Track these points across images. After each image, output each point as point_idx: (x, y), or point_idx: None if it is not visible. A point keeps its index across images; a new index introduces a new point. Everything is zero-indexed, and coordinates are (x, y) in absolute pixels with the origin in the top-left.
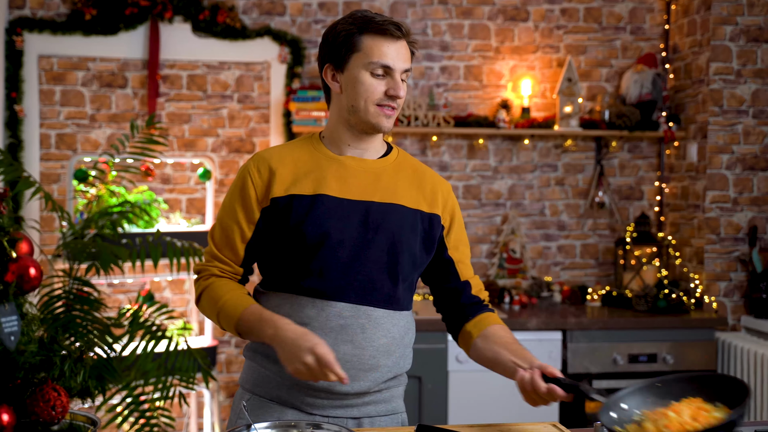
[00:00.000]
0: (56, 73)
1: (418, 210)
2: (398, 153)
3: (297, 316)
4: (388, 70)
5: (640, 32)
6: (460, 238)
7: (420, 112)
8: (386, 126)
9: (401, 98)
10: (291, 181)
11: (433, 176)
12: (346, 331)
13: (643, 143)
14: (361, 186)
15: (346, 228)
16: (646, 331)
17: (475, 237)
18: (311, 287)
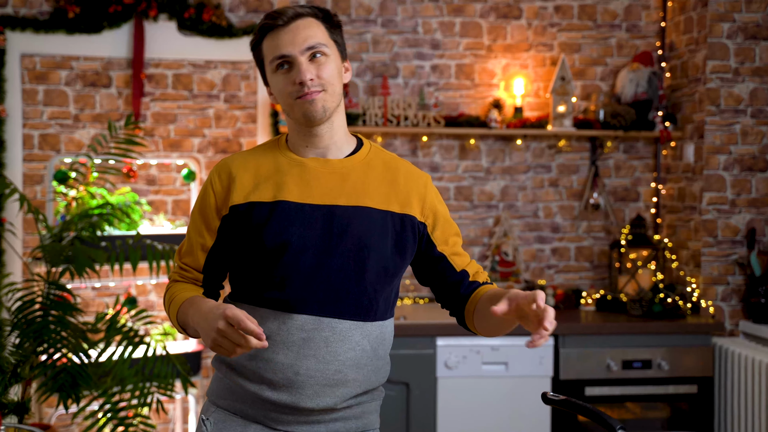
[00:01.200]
0: (39, 72)
1: (389, 211)
2: (369, 149)
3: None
4: (287, 58)
5: (635, 30)
6: (447, 231)
7: (410, 111)
8: (311, 112)
9: (313, 80)
10: (251, 187)
11: (408, 171)
12: (309, 345)
13: (639, 143)
14: (325, 189)
15: (308, 235)
16: (641, 336)
17: (467, 239)
18: (272, 298)
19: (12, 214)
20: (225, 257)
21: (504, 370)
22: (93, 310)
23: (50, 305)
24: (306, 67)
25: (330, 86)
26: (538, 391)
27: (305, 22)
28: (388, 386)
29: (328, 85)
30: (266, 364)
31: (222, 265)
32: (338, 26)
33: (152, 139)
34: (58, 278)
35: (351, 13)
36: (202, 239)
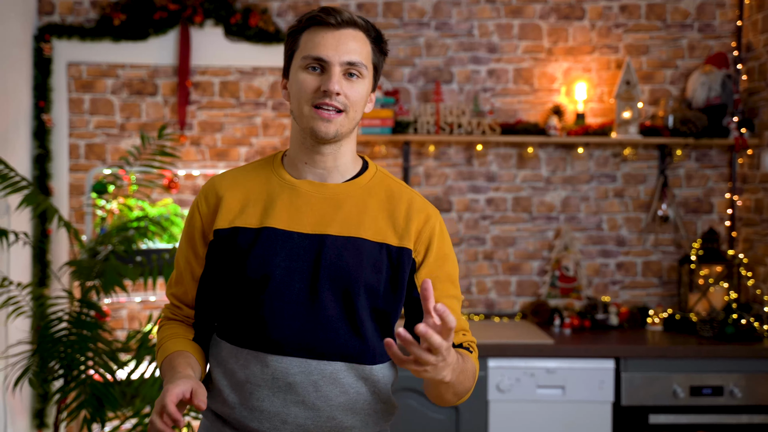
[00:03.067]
0: (85, 81)
1: (384, 243)
2: (374, 174)
3: (242, 373)
4: (323, 63)
5: (709, 30)
6: (437, 275)
7: (464, 119)
8: (322, 131)
9: (340, 95)
10: (238, 210)
11: (412, 201)
12: (296, 391)
13: (713, 151)
14: (316, 216)
15: (293, 267)
16: (712, 361)
17: (526, 253)
18: (255, 338)
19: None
20: (214, 288)
21: (560, 395)
22: (138, 325)
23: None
24: (338, 78)
25: (352, 109)
26: (598, 417)
27: (356, 34)
28: (436, 410)
29: (351, 107)
30: (251, 413)
31: (213, 296)
32: (384, 53)
33: (198, 148)
34: (85, 295)
35: (403, 17)
36: (190, 267)
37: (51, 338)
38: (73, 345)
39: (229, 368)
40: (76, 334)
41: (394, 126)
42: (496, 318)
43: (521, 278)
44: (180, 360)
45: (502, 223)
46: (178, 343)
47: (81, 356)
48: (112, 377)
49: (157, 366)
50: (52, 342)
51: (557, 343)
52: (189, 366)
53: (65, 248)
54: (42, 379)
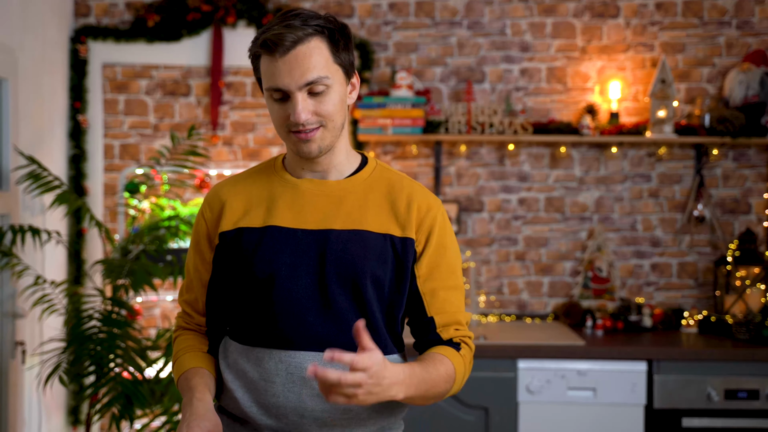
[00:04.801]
0: (120, 82)
1: (389, 234)
2: (374, 168)
3: (255, 371)
4: (283, 92)
5: (747, 27)
6: (437, 265)
7: (495, 118)
8: (305, 151)
9: (307, 119)
10: (242, 213)
11: (413, 191)
12: (311, 384)
13: (751, 151)
14: (320, 213)
15: (300, 263)
16: (747, 364)
17: (558, 253)
18: (267, 335)
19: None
20: (223, 291)
21: (592, 397)
22: (173, 322)
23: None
24: (303, 105)
25: (329, 121)
26: (629, 420)
27: (306, 50)
28: (465, 411)
29: (327, 120)
30: (268, 410)
31: (222, 299)
32: (346, 45)
33: (231, 149)
34: (114, 294)
35: (435, 16)
36: (199, 273)
37: (82, 335)
38: (103, 342)
39: (241, 368)
40: (106, 332)
41: (425, 126)
42: (527, 319)
43: (553, 279)
44: (197, 380)
45: (535, 224)
46: (193, 359)
47: (111, 354)
48: (141, 375)
49: (175, 381)
50: (83, 339)
51: (589, 344)
52: (207, 388)
53: (100, 247)
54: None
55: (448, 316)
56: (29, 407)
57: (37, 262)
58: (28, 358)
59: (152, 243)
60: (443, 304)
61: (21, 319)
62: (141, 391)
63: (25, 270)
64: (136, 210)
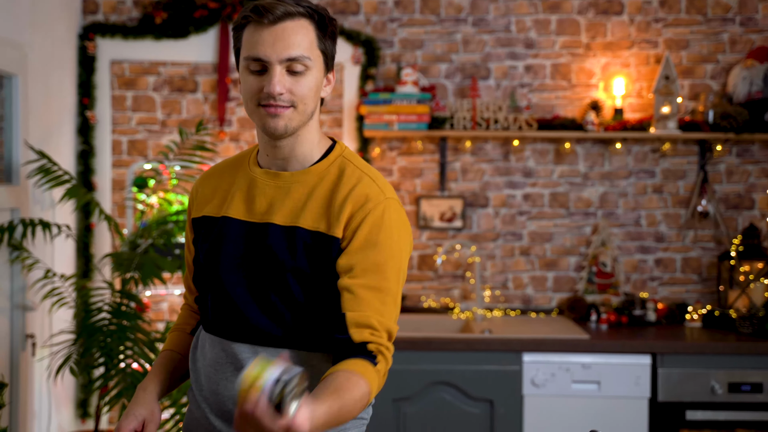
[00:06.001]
0: (128, 78)
1: (318, 231)
2: (333, 160)
3: (206, 357)
4: (263, 63)
5: (751, 23)
6: (359, 261)
7: (500, 114)
8: (271, 126)
9: (283, 94)
10: (208, 200)
11: (357, 184)
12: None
13: (754, 146)
14: (266, 205)
15: (239, 255)
16: (751, 357)
17: (563, 248)
18: (214, 324)
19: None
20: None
21: (596, 390)
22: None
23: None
24: (279, 78)
25: (301, 103)
26: (634, 413)
27: (294, 25)
28: (471, 403)
29: (299, 102)
30: (211, 395)
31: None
32: (332, 36)
33: (238, 144)
34: (123, 287)
35: (440, 13)
36: (187, 259)
37: (92, 328)
38: (113, 334)
39: (197, 353)
40: (116, 324)
41: (430, 122)
42: (532, 313)
43: (558, 274)
44: (156, 366)
45: (539, 219)
46: (171, 340)
47: (121, 345)
48: (150, 367)
49: None
50: (93, 331)
51: (593, 338)
52: (159, 373)
53: (108, 242)
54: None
55: (361, 316)
56: (39, 400)
57: (46, 256)
58: (38, 351)
59: (160, 237)
60: (360, 303)
61: (31, 312)
62: None
63: (35, 263)
64: (144, 205)
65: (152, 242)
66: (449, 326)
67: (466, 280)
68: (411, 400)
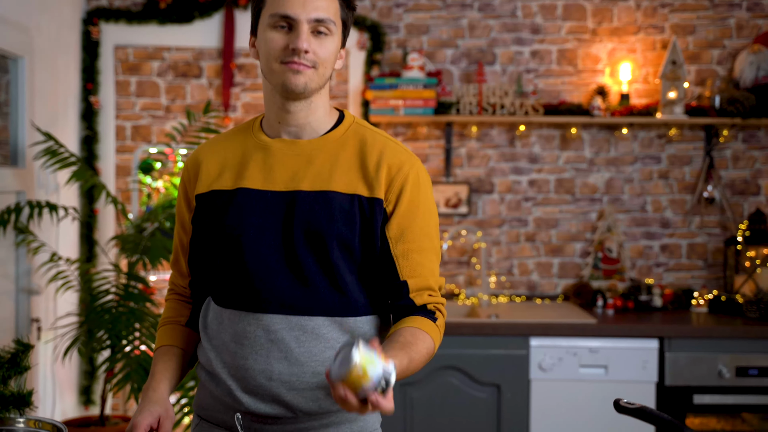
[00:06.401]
0: (132, 64)
1: (356, 195)
2: (349, 126)
3: (227, 333)
4: (290, 20)
5: (758, 8)
6: (408, 225)
7: (507, 99)
8: (293, 83)
9: (309, 53)
10: (216, 174)
11: (385, 148)
12: (278, 347)
13: (761, 132)
14: (289, 174)
15: (268, 225)
16: (758, 341)
17: (568, 234)
18: (236, 297)
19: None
20: (200, 253)
21: (603, 374)
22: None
23: (124, 296)
24: (306, 36)
25: (322, 66)
26: (641, 397)
27: None
28: (477, 388)
29: (320, 63)
30: (237, 371)
31: (200, 262)
32: (352, 8)
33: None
34: (131, 269)
35: None
36: (179, 237)
37: (99, 310)
38: (121, 317)
39: (215, 329)
40: (123, 305)
41: (436, 107)
42: (537, 300)
43: (563, 260)
44: (159, 366)
45: (545, 205)
46: (167, 334)
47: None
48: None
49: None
50: (100, 313)
51: (600, 322)
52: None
53: (111, 227)
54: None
55: (421, 281)
56: (44, 385)
57: (51, 240)
58: (43, 334)
59: (167, 220)
60: (416, 268)
61: (36, 295)
62: None
63: (41, 247)
64: (149, 189)
65: (158, 226)
66: (456, 311)
67: (471, 266)
68: (418, 384)
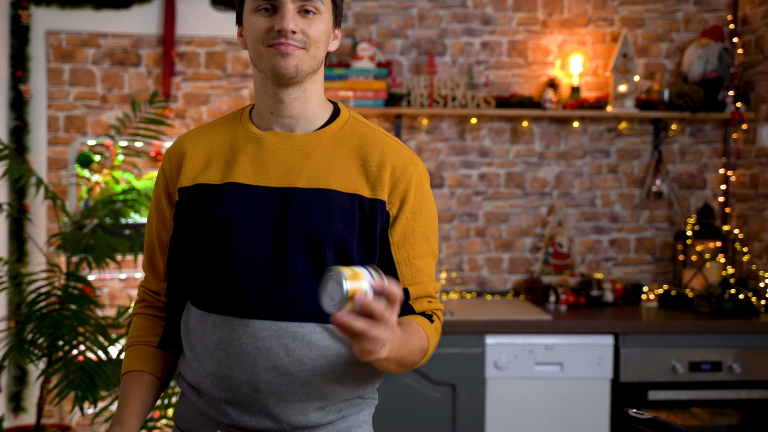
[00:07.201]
0: (65, 50)
1: (356, 195)
2: (346, 120)
3: (210, 340)
4: (274, 2)
5: (704, 2)
6: (411, 230)
7: (458, 92)
8: (282, 66)
9: (296, 33)
10: (201, 167)
11: (386, 147)
12: (266, 355)
13: (707, 126)
14: (283, 169)
15: (260, 224)
16: (710, 336)
17: (519, 229)
18: (220, 303)
19: (37, 201)
20: (182, 252)
21: (559, 372)
22: (119, 303)
23: (67, 298)
24: (292, 15)
25: (313, 46)
26: (596, 394)
27: None
28: (432, 388)
29: (311, 44)
30: (222, 381)
31: (181, 262)
32: None
33: (183, 122)
34: (76, 269)
35: None
36: (158, 234)
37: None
38: (63, 320)
39: (198, 336)
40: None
41: (387, 98)
42: (488, 296)
43: (513, 255)
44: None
45: (495, 199)
46: (138, 357)
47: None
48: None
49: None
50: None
51: (555, 319)
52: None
53: (43, 225)
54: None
55: (421, 288)
56: None
57: None
58: None
59: (108, 216)
60: (417, 274)
61: None
62: (105, 370)
63: None
64: (88, 183)
65: (99, 222)
66: None
67: None
68: None
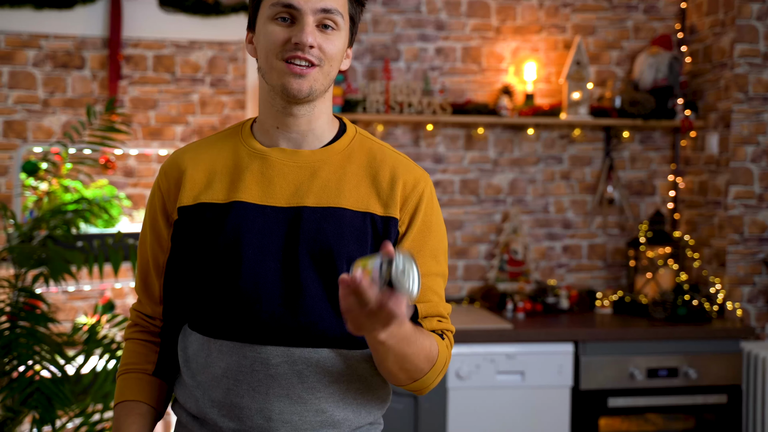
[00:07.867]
0: (3, 52)
1: (368, 213)
2: (353, 137)
3: (217, 367)
4: (293, 11)
5: (653, 11)
6: (420, 248)
7: (414, 98)
8: (295, 88)
9: (314, 48)
10: (203, 185)
11: (397, 164)
12: (279, 383)
13: (656, 133)
14: (291, 187)
15: (268, 245)
16: (666, 342)
17: (473, 237)
18: (229, 328)
19: None
20: (182, 275)
21: (520, 380)
22: (64, 317)
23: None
24: (311, 29)
25: (328, 64)
26: (557, 402)
27: None
28: (395, 399)
29: (326, 61)
30: (230, 410)
31: (181, 285)
32: (362, 3)
33: (131, 127)
34: (32, 283)
35: None
36: (155, 255)
37: None
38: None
39: (201, 363)
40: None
41: (343, 104)
42: None
43: (468, 262)
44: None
45: (450, 206)
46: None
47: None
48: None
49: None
50: None
51: (515, 327)
52: None
53: None
54: None
55: (431, 306)
56: None
57: None
58: None
59: (59, 228)
60: (425, 293)
61: None
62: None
63: None
64: (35, 192)
65: (49, 234)
66: None
67: None
68: None
